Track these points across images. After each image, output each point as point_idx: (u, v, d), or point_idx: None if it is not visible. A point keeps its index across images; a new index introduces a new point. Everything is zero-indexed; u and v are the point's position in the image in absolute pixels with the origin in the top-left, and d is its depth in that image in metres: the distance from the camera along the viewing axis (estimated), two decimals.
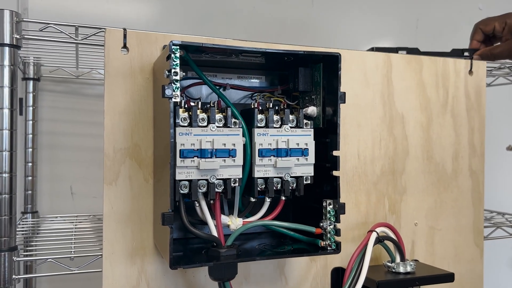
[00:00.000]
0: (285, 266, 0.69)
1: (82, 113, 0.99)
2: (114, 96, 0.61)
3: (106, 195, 0.60)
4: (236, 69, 0.65)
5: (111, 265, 0.61)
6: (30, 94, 0.94)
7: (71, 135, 0.98)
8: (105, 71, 0.60)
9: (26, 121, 0.94)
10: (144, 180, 0.62)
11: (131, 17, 1.02)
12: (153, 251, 0.62)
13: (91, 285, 0.91)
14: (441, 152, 0.79)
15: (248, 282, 0.67)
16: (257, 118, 0.56)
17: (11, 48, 0.60)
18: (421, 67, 0.77)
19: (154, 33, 0.62)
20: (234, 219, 0.57)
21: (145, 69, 0.62)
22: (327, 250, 0.57)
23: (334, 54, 0.57)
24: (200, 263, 0.53)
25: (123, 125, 0.61)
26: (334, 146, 0.57)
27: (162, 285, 0.63)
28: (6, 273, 0.59)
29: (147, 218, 0.62)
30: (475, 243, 0.82)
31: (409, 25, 1.26)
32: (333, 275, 0.71)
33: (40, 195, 0.97)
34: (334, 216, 0.57)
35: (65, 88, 0.98)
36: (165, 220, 0.49)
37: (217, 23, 1.07)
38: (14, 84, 0.60)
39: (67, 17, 0.94)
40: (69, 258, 0.64)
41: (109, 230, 0.61)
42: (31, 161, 0.94)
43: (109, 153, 0.61)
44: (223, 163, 0.53)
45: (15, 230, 0.61)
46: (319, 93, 0.60)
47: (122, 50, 0.61)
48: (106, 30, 0.60)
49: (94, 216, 0.94)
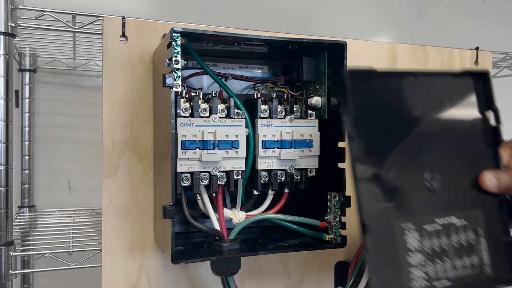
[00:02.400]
0: (289, 260, 0.68)
1: (80, 105, 0.97)
2: (113, 86, 0.59)
3: (105, 188, 0.59)
4: (238, 59, 0.63)
5: (110, 260, 0.59)
6: (26, 86, 0.92)
7: (69, 127, 0.96)
8: (103, 60, 0.59)
9: (23, 113, 0.92)
10: (144, 173, 0.60)
11: (130, 7, 1.00)
12: (153, 246, 0.61)
13: (90, 280, 0.89)
14: None
15: (251, 276, 0.66)
16: (261, 109, 0.54)
17: (5, 37, 0.58)
18: (427, 57, 0.76)
19: (153, 21, 0.61)
20: (237, 212, 0.56)
21: (145, 59, 0.60)
22: (332, 244, 0.56)
23: (340, 42, 0.55)
24: (202, 258, 0.51)
25: (122, 116, 0.59)
26: (339, 137, 0.56)
27: (163, 280, 0.61)
28: (2, 268, 0.58)
29: (147, 212, 0.60)
30: None
31: (411, 17, 1.24)
32: (337, 269, 0.70)
33: (37, 189, 0.95)
34: (339, 209, 0.56)
35: (62, 79, 0.96)
36: (166, 214, 0.48)
37: (219, 13, 1.05)
38: (9, 74, 0.58)
39: (64, 5, 0.92)
40: (67, 253, 0.63)
41: (108, 224, 0.59)
42: (27, 154, 0.92)
43: (107, 145, 0.59)
44: (225, 155, 0.52)
45: (11, 225, 0.60)
46: (323, 83, 0.58)
47: (121, 39, 0.59)
48: (104, 18, 0.58)
49: (93, 210, 0.92)
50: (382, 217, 0.42)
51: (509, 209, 0.50)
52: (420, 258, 0.43)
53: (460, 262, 0.46)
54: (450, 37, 1.26)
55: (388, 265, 0.42)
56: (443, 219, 0.46)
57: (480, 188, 0.48)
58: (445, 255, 0.45)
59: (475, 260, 0.46)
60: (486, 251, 0.47)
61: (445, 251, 0.45)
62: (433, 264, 0.44)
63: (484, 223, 0.48)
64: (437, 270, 0.44)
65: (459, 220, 0.46)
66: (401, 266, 0.42)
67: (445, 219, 0.46)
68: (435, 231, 0.45)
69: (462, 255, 0.46)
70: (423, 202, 0.45)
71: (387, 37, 1.20)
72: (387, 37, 1.20)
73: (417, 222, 0.44)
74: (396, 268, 0.42)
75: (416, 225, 0.43)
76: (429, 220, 0.44)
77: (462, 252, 0.46)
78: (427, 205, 0.45)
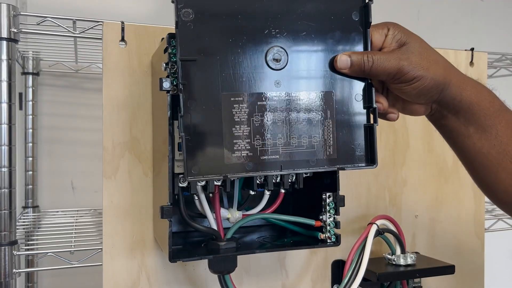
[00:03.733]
0: (286, 259, 0.69)
1: (82, 107, 0.98)
2: (113, 89, 0.61)
3: (106, 189, 0.60)
4: None
5: (111, 259, 0.61)
6: (29, 88, 0.94)
7: (71, 129, 0.98)
8: (103, 64, 0.60)
9: (26, 115, 0.94)
10: (144, 174, 0.62)
11: (130, 11, 1.01)
12: (153, 245, 0.62)
13: (93, 278, 0.91)
14: (441, 144, 0.78)
15: (249, 275, 0.67)
16: None
17: (8, 42, 0.59)
18: None
19: (152, 26, 0.62)
20: (233, 212, 0.57)
21: (144, 63, 0.62)
22: (326, 243, 0.57)
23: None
24: (199, 256, 0.52)
25: (122, 119, 0.61)
26: None
27: (163, 279, 0.63)
28: (6, 267, 0.60)
29: (147, 212, 0.62)
30: (476, 235, 0.81)
31: (410, 17, 1.25)
32: (334, 268, 0.71)
33: (41, 190, 0.97)
34: (333, 208, 0.57)
35: (65, 82, 0.98)
36: (164, 214, 0.49)
37: None
38: (12, 78, 0.60)
39: (66, 11, 0.94)
40: (69, 252, 0.65)
41: (108, 224, 0.61)
42: (31, 155, 0.94)
43: (108, 147, 0.60)
44: None
45: (15, 224, 0.61)
46: None
47: (120, 44, 0.61)
48: (103, 23, 0.60)
49: (95, 210, 0.94)
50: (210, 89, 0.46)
51: (369, 93, 0.51)
52: (248, 131, 0.48)
53: (298, 141, 0.49)
54: (448, 37, 1.27)
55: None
56: (285, 95, 0.49)
57: (337, 71, 0.50)
58: (280, 131, 0.49)
59: (318, 140, 0.50)
60: (330, 132, 0.50)
61: (281, 126, 0.49)
62: (262, 138, 0.48)
63: (335, 106, 0.50)
64: (266, 144, 0.48)
65: (306, 99, 0.49)
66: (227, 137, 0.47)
67: (288, 96, 0.49)
68: (271, 106, 0.48)
69: (303, 134, 0.49)
70: (263, 77, 0.48)
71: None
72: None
73: (250, 95, 0.47)
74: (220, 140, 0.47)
75: (247, 97, 0.47)
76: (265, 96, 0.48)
77: (303, 131, 0.49)
78: (267, 81, 0.48)
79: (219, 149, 0.47)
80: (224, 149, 0.47)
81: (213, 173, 0.47)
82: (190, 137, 0.46)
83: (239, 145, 0.48)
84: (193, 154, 0.46)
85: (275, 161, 0.49)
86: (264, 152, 0.49)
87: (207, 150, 0.47)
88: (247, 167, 0.48)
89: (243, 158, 0.48)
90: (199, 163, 0.46)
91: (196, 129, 0.47)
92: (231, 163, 0.48)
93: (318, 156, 0.51)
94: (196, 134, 0.46)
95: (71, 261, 0.64)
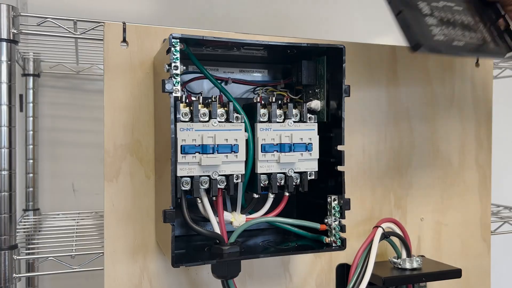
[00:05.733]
0: (290, 263, 0.68)
1: (83, 109, 0.98)
2: (114, 91, 0.60)
3: (107, 192, 0.59)
4: (238, 63, 0.64)
5: (112, 263, 0.60)
6: (30, 90, 0.93)
7: (73, 131, 0.97)
8: (104, 65, 0.59)
9: (27, 117, 0.93)
10: (146, 177, 0.61)
11: (131, 12, 1.00)
12: (155, 249, 0.61)
13: (94, 282, 0.90)
14: (447, 146, 0.77)
15: (252, 279, 0.66)
16: (260, 113, 0.55)
17: (8, 43, 0.59)
18: (427, 59, 0.76)
19: (154, 26, 0.61)
20: (237, 215, 0.56)
21: (145, 64, 0.61)
22: (332, 247, 0.56)
23: (338, 46, 0.55)
24: (202, 261, 0.52)
25: (124, 121, 0.60)
26: (338, 141, 0.56)
27: (165, 283, 0.62)
28: (6, 271, 0.59)
29: (149, 215, 0.61)
30: (482, 238, 0.80)
31: None
32: (338, 272, 0.70)
33: (42, 192, 0.96)
34: (339, 212, 0.56)
35: (66, 83, 0.97)
36: (166, 218, 0.48)
37: (219, 17, 1.06)
38: (12, 80, 0.59)
39: (66, 11, 0.93)
40: (70, 256, 0.64)
41: (110, 228, 0.60)
42: (32, 158, 0.93)
43: (109, 149, 0.60)
44: (225, 159, 0.52)
45: (15, 228, 0.60)
46: (323, 87, 0.59)
47: (122, 45, 0.60)
48: (105, 24, 0.59)
49: (97, 213, 0.93)
50: None
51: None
52: (435, 21, 0.52)
53: (468, 34, 0.54)
54: None
55: (414, 22, 0.50)
56: (447, 2, 0.54)
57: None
58: (454, 26, 0.53)
59: (479, 35, 0.55)
60: (486, 32, 0.56)
61: (453, 23, 0.53)
62: (446, 27, 0.52)
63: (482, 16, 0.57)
64: (450, 33, 0.52)
65: (460, 7, 0.55)
66: (424, 25, 0.51)
67: (448, 3, 0.54)
68: (442, 7, 0.54)
69: (467, 30, 0.54)
70: None
71: (387, 39, 1.20)
72: (387, 39, 1.20)
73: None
74: (421, 25, 0.50)
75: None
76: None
77: (466, 28, 0.54)
78: None
79: None
80: None
81: None
82: None
83: None
84: None
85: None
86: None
87: None
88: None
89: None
90: None
91: None
92: None
93: None
94: None
95: (72, 266, 0.63)
